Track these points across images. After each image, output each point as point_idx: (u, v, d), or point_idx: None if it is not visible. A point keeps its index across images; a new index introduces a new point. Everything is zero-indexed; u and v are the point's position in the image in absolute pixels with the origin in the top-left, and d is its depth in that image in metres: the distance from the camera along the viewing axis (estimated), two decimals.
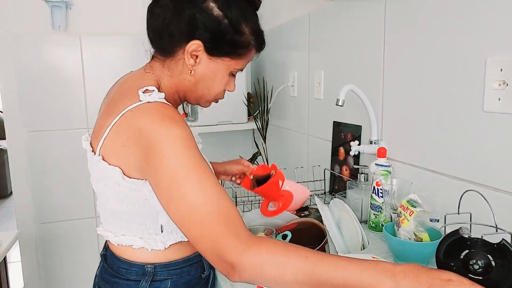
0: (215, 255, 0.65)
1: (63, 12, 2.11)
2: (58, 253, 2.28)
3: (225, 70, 0.84)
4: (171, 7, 0.80)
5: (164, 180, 0.70)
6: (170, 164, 0.69)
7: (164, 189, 0.70)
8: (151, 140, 0.71)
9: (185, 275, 0.89)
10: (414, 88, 1.16)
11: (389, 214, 1.14)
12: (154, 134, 0.71)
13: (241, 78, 2.21)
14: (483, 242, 0.70)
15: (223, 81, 0.86)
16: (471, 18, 0.96)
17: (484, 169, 0.96)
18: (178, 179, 0.69)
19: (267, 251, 0.63)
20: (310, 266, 0.62)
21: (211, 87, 0.86)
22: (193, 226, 0.67)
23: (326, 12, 1.62)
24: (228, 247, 0.64)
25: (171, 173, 0.69)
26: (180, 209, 0.69)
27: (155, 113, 0.73)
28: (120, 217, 0.84)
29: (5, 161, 4.71)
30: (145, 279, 0.85)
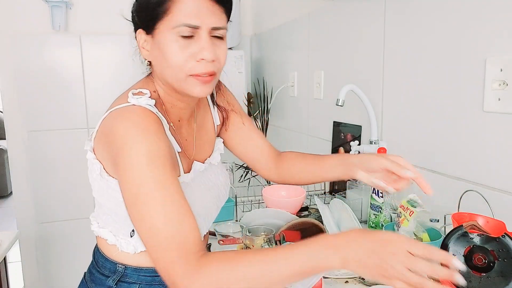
0: (168, 279, 0.66)
1: (63, 12, 2.12)
2: (58, 253, 2.28)
3: (167, 36, 0.74)
4: None
5: (128, 193, 0.69)
6: (134, 179, 0.68)
7: (128, 202, 0.70)
8: (120, 149, 0.70)
9: (156, 284, 0.85)
10: (414, 88, 1.16)
11: (389, 214, 1.14)
12: (123, 143, 0.70)
13: (241, 78, 2.21)
14: (485, 238, 0.70)
15: (173, 48, 0.74)
16: (471, 18, 0.96)
17: (484, 169, 0.96)
18: (140, 197, 0.68)
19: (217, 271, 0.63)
20: (258, 270, 0.62)
21: (167, 63, 0.75)
22: (151, 247, 0.67)
23: (326, 12, 1.62)
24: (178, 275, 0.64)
25: (135, 189, 0.68)
26: (141, 228, 0.68)
27: (132, 119, 0.72)
28: (102, 210, 0.86)
29: (5, 161, 4.70)
30: (113, 277, 0.85)
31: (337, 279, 0.88)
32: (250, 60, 2.55)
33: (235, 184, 1.24)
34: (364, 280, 0.86)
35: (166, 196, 0.68)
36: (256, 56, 2.51)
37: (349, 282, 0.87)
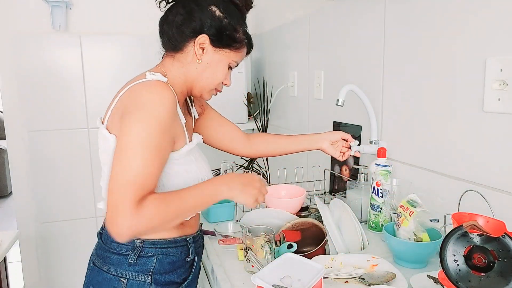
0: (112, 211, 0.81)
1: (63, 12, 2.12)
2: (58, 253, 2.28)
3: (225, 60, 1.01)
4: (181, 12, 0.98)
5: (122, 141, 0.85)
6: (136, 131, 0.84)
7: (119, 145, 0.85)
8: (137, 103, 0.86)
9: (170, 255, 0.98)
10: (414, 88, 1.17)
11: (389, 214, 1.14)
12: (143, 99, 0.87)
13: (241, 78, 2.21)
14: (485, 238, 0.70)
15: (224, 71, 1.02)
16: (471, 18, 0.96)
17: (484, 169, 0.96)
18: (132, 145, 0.83)
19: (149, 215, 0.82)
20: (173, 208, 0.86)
21: (214, 76, 1.01)
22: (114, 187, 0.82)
23: (326, 12, 1.62)
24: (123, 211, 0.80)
25: (132, 139, 0.83)
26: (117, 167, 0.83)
27: (153, 86, 0.89)
28: None
29: (5, 161, 4.70)
30: (133, 252, 0.95)
31: (337, 279, 0.88)
32: (250, 60, 2.55)
33: None
34: (364, 280, 0.86)
35: (150, 156, 0.84)
36: (256, 56, 2.51)
37: (349, 282, 0.87)
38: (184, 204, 0.88)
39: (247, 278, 0.94)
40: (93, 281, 0.98)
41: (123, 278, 0.94)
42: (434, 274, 0.83)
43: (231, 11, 0.99)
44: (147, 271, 0.95)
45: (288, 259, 0.85)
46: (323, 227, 1.05)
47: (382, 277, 0.86)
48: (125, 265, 0.94)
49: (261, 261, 0.95)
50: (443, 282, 0.75)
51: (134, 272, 0.94)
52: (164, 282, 0.97)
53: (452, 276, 0.72)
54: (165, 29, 1.00)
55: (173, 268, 0.99)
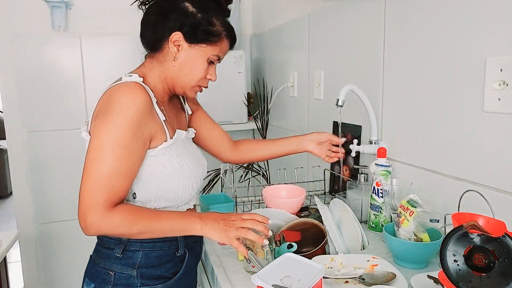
0: (83, 211, 0.86)
1: (63, 12, 2.12)
2: (58, 253, 2.28)
3: (203, 56, 0.99)
4: (155, 11, 0.99)
5: (96, 140, 0.88)
6: (108, 132, 0.87)
7: (92, 146, 0.88)
8: (111, 104, 0.89)
9: (157, 249, 0.99)
10: (414, 88, 1.16)
11: (389, 214, 1.14)
12: (115, 101, 0.89)
13: (241, 78, 2.21)
14: (486, 238, 0.70)
15: (203, 66, 1.00)
16: (471, 18, 0.96)
17: (484, 169, 0.96)
18: (104, 146, 0.87)
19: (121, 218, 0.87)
20: (148, 222, 0.90)
21: (193, 72, 1.00)
22: (87, 186, 0.86)
23: (326, 12, 1.62)
24: (93, 213, 0.85)
25: (104, 139, 0.87)
26: (90, 168, 0.87)
27: (126, 87, 0.91)
28: None
29: (5, 161, 4.70)
30: (119, 246, 0.98)
31: (337, 279, 0.88)
32: (250, 60, 2.55)
33: (235, 184, 1.23)
34: (364, 280, 0.86)
35: (122, 156, 0.87)
36: (256, 56, 2.51)
37: (349, 282, 0.87)
38: (152, 226, 0.91)
39: (247, 278, 0.94)
40: (88, 273, 1.03)
41: (111, 271, 0.98)
42: (434, 274, 0.83)
43: (205, 4, 0.98)
44: (133, 264, 0.98)
45: (288, 259, 0.85)
46: (323, 227, 1.05)
47: (382, 277, 0.86)
48: (112, 258, 0.98)
49: (261, 261, 0.95)
50: (444, 282, 0.74)
51: (121, 265, 0.97)
52: (151, 276, 0.99)
53: (453, 276, 0.72)
54: (142, 30, 1.03)
55: (160, 262, 1.00)
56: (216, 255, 1.10)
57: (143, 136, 0.92)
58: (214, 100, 2.18)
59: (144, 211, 0.92)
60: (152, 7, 1.01)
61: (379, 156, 1.20)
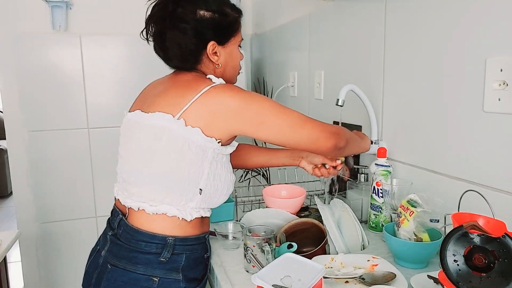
0: (324, 135, 0.97)
1: (63, 12, 2.12)
2: (58, 253, 2.28)
3: (235, 47, 1.07)
4: (177, 34, 0.98)
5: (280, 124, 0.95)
6: (269, 109, 0.95)
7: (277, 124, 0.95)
8: (242, 102, 0.93)
9: (195, 252, 1.00)
10: (414, 88, 1.16)
11: (389, 214, 1.14)
12: (247, 100, 0.94)
13: (241, 79, 2.20)
14: (486, 238, 0.70)
15: (239, 55, 1.09)
16: (471, 18, 0.96)
17: (484, 169, 0.96)
18: (282, 112, 0.96)
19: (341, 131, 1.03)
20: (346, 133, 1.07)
21: (235, 65, 1.08)
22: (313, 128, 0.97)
23: (326, 12, 1.62)
24: (333, 136, 0.97)
25: (276, 113, 0.95)
26: (303, 129, 0.96)
27: (232, 86, 0.97)
28: (160, 187, 0.94)
29: (5, 161, 4.70)
30: (166, 249, 0.95)
31: (337, 279, 0.88)
32: (250, 60, 2.55)
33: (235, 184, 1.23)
34: (364, 280, 0.86)
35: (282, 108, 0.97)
36: (256, 56, 2.51)
37: (349, 282, 0.87)
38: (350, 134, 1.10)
39: (247, 278, 0.94)
40: (116, 283, 0.95)
41: (155, 277, 0.94)
42: (434, 274, 0.83)
43: (212, 1, 1.00)
44: (177, 268, 0.96)
45: (288, 259, 0.85)
46: (323, 227, 1.05)
47: (382, 277, 0.86)
48: (155, 263, 0.94)
49: (261, 261, 0.95)
50: (444, 282, 0.75)
51: (165, 270, 0.95)
52: (191, 279, 0.99)
53: (453, 276, 0.72)
54: (167, 55, 1.02)
55: (196, 264, 1.01)
56: (216, 255, 1.10)
57: None
58: None
59: None
60: (167, 32, 0.98)
61: (379, 156, 1.20)
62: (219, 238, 1.14)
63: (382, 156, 1.19)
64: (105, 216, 0.99)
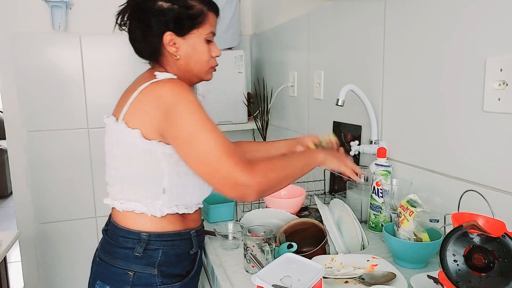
0: (230, 184, 0.88)
1: (63, 12, 2.11)
2: (58, 253, 2.28)
3: (199, 40, 1.02)
4: (137, 26, 1.01)
5: (183, 133, 0.90)
6: (188, 120, 0.90)
7: (184, 139, 0.90)
8: (171, 103, 0.91)
9: (175, 248, 1.01)
10: (414, 88, 1.16)
11: (389, 214, 1.14)
12: (176, 98, 0.91)
13: (241, 78, 2.21)
14: (485, 238, 0.70)
15: (205, 49, 1.03)
16: (471, 18, 0.96)
17: (484, 169, 0.96)
18: (196, 131, 0.90)
19: (265, 166, 0.91)
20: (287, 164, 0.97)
21: (200, 59, 1.03)
22: (209, 165, 0.89)
23: (326, 12, 1.62)
24: (239, 175, 0.87)
25: (190, 127, 0.90)
26: (199, 152, 0.89)
27: (172, 84, 0.94)
28: (127, 185, 0.98)
29: (5, 161, 4.70)
30: (139, 245, 0.98)
31: (337, 279, 0.88)
32: (250, 60, 2.55)
33: None
34: (364, 280, 0.86)
35: (213, 128, 0.91)
36: (256, 56, 2.51)
37: (349, 282, 0.87)
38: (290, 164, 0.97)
39: (247, 278, 0.94)
40: (101, 275, 1.01)
41: (130, 271, 0.97)
42: (434, 274, 0.83)
43: None
44: (153, 263, 0.98)
45: (288, 259, 0.85)
46: (323, 227, 1.05)
47: (382, 277, 0.86)
48: (131, 258, 0.98)
49: (261, 261, 0.95)
50: (443, 282, 0.75)
51: (141, 265, 0.98)
52: (170, 274, 1.00)
53: (452, 276, 0.72)
54: (136, 47, 1.06)
55: (178, 260, 1.02)
56: (216, 255, 1.10)
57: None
58: (214, 100, 2.19)
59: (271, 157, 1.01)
60: (132, 23, 1.02)
61: (379, 156, 1.20)
62: (219, 238, 1.14)
63: (382, 156, 1.19)
64: (104, 216, 1.01)
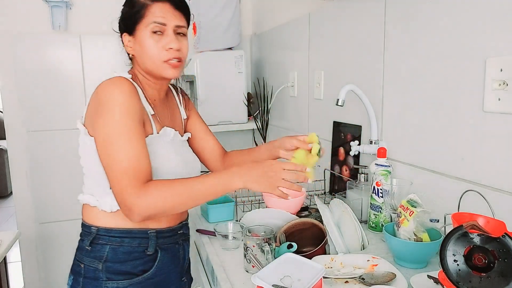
0: (119, 200, 0.90)
1: (63, 12, 2.12)
2: (58, 253, 2.28)
3: (144, 34, 1.00)
4: None
5: (100, 136, 0.93)
6: (108, 124, 0.91)
7: (100, 143, 0.93)
8: (101, 99, 0.94)
9: (125, 245, 1.00)
10: (414, 88, 1.16)
11: (389, 214, 1.14)
12: (103, 95, 0.94)
13: (241, 78, 2.21)
14: (486, 238, 0.70)
15: (151, 42, 1.00)
16: (471, 18, 0.96)
17: (484, 169, 0.96)
18: (110, 137, 0.91)
19: (156, 190, 0.89)
20: (185, 189, 0.91)
21: (148, 53, 1.01)
22: (113, 175, 0.90)
23: (326, 12, 1.62)
24: (127, 197, 0.88)
25: (108, 131, 0.91)
26: (107, 161, 0.91)
27: (111, 80, 0.95)
28: (86, 177, 1.03)
29: (5, 161, 4.70)
30: (87, 238, 1.00)
31: (337, 279, 0.88)
32: (250, 60, 2.55)
33: None
34: (364, 280, 0.86)
35: (131, 139, 0.91)
36: (256, 56, 2.51)
37: (349, 282, 0.87)
38: (190, 189, 0.91)
39: (247, 278, 0.94)
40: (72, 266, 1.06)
41: (81, 263, 1.01)
42: (434, 274, 0.83)
43: None
44: (99, 258, 0.99)
45: (288, 259, 0.85)
46: (323, 227, 1.05)
47: (382, 277, 0.86)
48: (84, 251, 1.01)
49: (261, 261, 0.95)
50: (443, 282, 0.75)
51: (90, 258, 1.00)
52: (117, 271, 0.99)
53: (453, 276, 0.72)
54: None
55: (128, 258, 1.00)
56: (216, 255, 1.10)
57: (139, 117, 0.95)
58: (214, 100, 2.19)
59: (176, 179, 0.93)
60: None
61: (379, 156, 1.20)
62: (219, 238, 1.14)
63: (382, 156, 1.19)
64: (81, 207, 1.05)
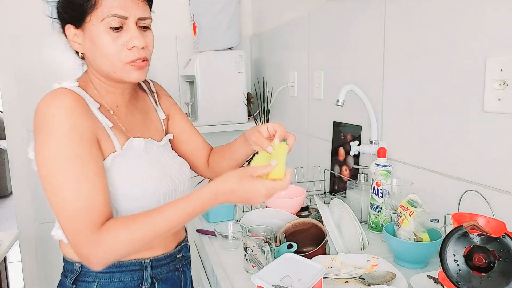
0: (74, 247, 0.74)
1: None
2: (58, 253, 2.27)
3: (97, 28, 0.80)
4: None
5: (42, 167, 0.76)
6: (50, 153, 0.74)
7: (42, 178, 0.76)
8: (37, 122, 0.76)
9: (116, 281, 0.86)
10: (414, 88, 1.16)
11: (389, 214, 1.14)
12: (42, 121, 0.75)
13: (241, 78, 2.21)
14: (486, 238, 0.70)
15: (106, 39, 0.80)
16: (471, 18, 0.96)
17: (484, 169, 0.96)
18: (53, 170, 0.74)
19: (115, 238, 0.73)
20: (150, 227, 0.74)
21: (103, 53, 0.81)
22: (61, 218, 0.74)
23: (326, 12, 1.62)
24: (80, 246, 0.73)
25: (49, 162, 0.74)
26: (53, 200, 0.75)
27: (48, 96, 0.77)
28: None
29: (5, 161, 4.70)
30: (70, 276, 0.87)
31: (337, 279, 0.88)
32: (250, 60, 2.55)
33: None
34: (364, 280, 0.86)
35: (80, 171, 0.73)
36: (256, 56, 2.51)
37: (349, 282, 0.87)
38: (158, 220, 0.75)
39: (247, 278, 0.94)
40: None
41: None
42: (434, 274, 0.83)
43: None
44: None
45: (288, 259, 0.85)
46: (323, 227, 1.05)
47: (382, 277, 0.86)
48: (67, 287, 0.87)
49: (261, 261, 0.95)
50: (444, 282, 0.75)
51: None
52: None
53: (453, 276, 0.72)
54: None
55: None
56: (216, 255, 1.10)
57: (89, 137, 0.77)
58: (214, 100, 2.19)
59: (141, 213, 0.76)
60: None
61: (379, 156, 1.20)
62: (219, 238, 1.14)
63: (382, 156, 1.19)
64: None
